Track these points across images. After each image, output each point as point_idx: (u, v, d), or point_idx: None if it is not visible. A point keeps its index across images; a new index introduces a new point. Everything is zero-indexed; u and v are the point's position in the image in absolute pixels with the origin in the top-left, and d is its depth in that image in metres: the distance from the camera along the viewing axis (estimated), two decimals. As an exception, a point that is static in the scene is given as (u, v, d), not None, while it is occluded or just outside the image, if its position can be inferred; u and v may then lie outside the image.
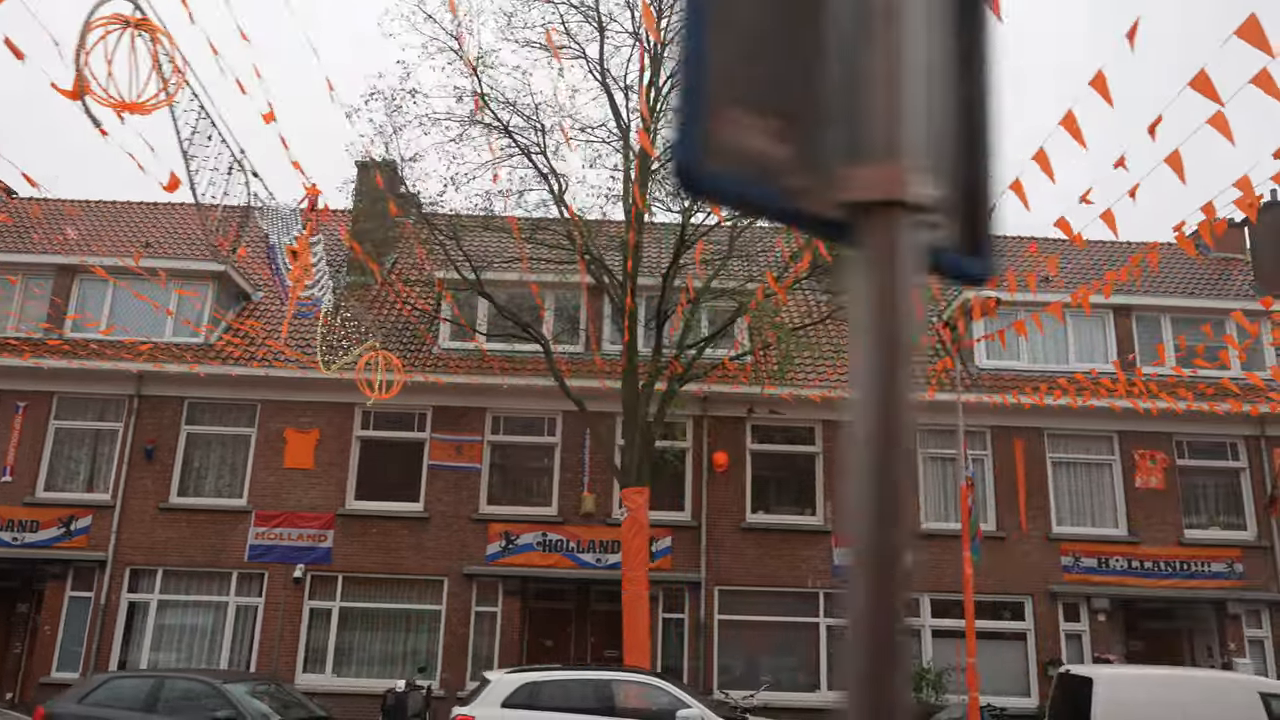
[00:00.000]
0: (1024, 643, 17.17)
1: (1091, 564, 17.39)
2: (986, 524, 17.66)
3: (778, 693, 16.80)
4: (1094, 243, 24.15)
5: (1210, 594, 17.27)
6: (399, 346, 18.11)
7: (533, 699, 10.15)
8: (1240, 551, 17.54)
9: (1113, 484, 17.92)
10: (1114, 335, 18.84)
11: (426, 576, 17.10)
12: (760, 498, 17.80)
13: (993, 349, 18.81)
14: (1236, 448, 18.17)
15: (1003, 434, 17.96)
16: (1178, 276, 22.22)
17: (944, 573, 17.28)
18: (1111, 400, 17.35)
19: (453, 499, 17.40)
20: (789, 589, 17.23)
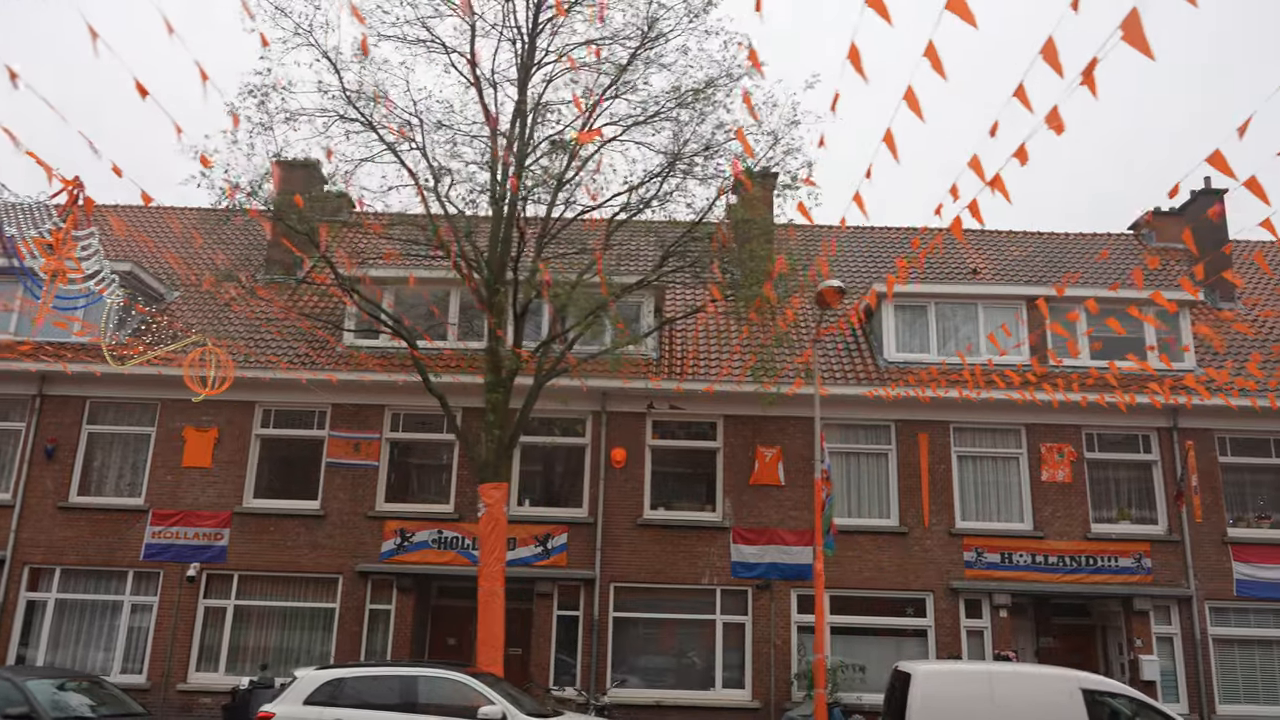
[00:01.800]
0: (925, 640, 16.88)
1: (995, 559, 17.08)
2: (889, 519, 17.45)
3: (672, 690, 16.67)
4: (1031, 234, 23.85)
5: (1117, 589, 16.92)
6: (303, 344, 18.12)
7: (336, 696, 10.07)
8: (1149, 546, 17.17)
9: (1020, 478, 17.60)
10: (1026, 327, 18.48)
11: (321, 574, 17.08)
12: (660, 494, 17.63)
13: (902, 341, 18.54)
14: (1149, 440, 17.79)
15: (907, 428, 17.68)
16: (1111, 267, 21.86)
17: (847, 569, 17.09)
18: (1010, 391, 17.06)
19: (349, 497, 17.37)
20: (686, 585, 17.06)
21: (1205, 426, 17.66)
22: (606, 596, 16.99)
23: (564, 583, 17.04)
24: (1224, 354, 18.68)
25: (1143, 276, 20.41)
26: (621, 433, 17.67)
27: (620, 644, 16.93)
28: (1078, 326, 18.37)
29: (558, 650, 16.86)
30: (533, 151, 14.98)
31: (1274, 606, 16.96)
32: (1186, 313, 18.69)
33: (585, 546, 17.15)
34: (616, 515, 17.29)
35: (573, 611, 16.99)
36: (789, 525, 17.19)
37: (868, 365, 18.33)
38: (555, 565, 17.06)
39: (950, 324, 18.70)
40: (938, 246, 22.72)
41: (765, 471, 17.44)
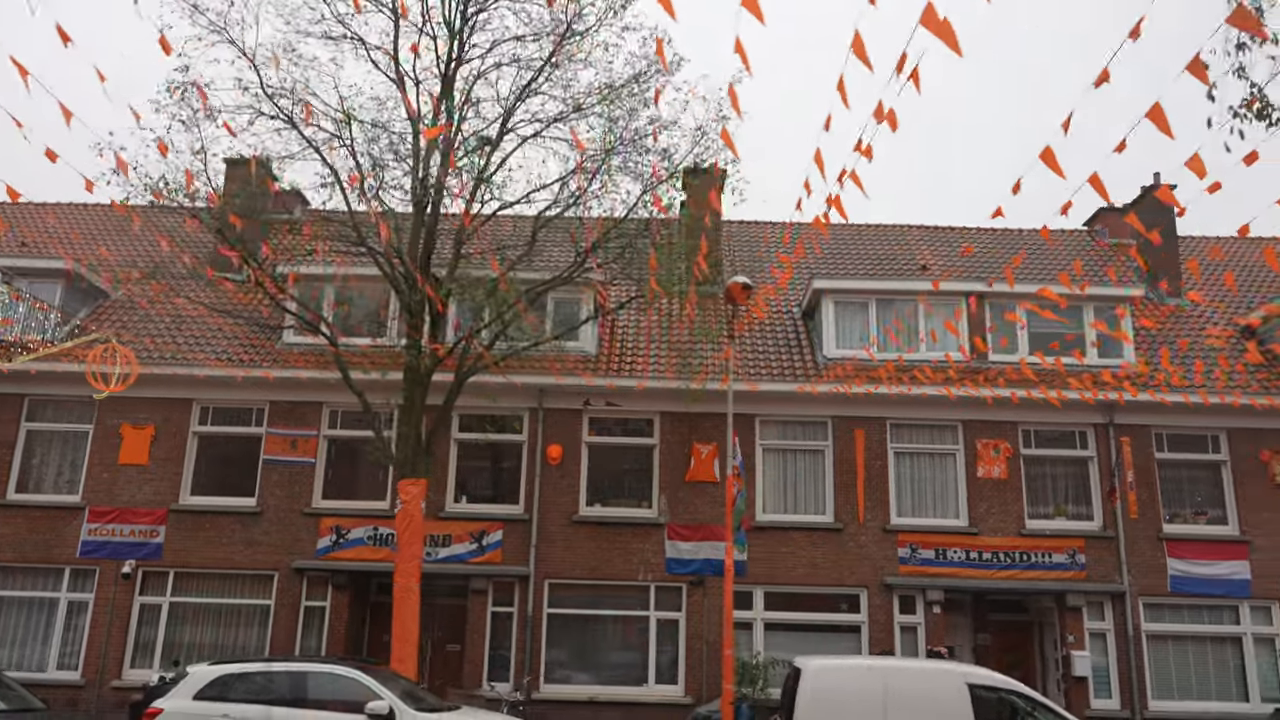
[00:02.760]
0: (859, 636, 16.91)
1: (929, 556, 17.10)
2: (825, 515, 17.47)
3: (606, 686, 16.71)
4: (985, 230, 23.83)
5: (1051, 586, 16.94)
6: (243, 342, 18.16)
7: (226, 691, 10.12)
8: (1084, 542, 17.19)
9: (956, 474, 17.61)
10: (967, 323, 18.48)
11: (257, 571, 17.12)
12: (596, 491, 17.66)
13: (842, 337, 18.54)
14: (1086, 436, 17.80)
15: (844, 424, 17.70)
16: (1061, 264, 21.85)
17: (781, 565, 17.12)
18: (939, 388, 17.10)
19: (286, 494, 17.41)
20: (620, 582, 17.09)
21: (1142, 423, 17.67)
22: (541, 593, 17.02)
23: (499, 579, 17.08)
24: (1162, 348, 18.67)
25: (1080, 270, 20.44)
26: (559, 430, 17.70)
27: (555, 640, 16.96)
28: (1017, 323, 18.40)
29: (493, 646, 16.90)
30: (459, 148, 15.01)
31: (1208, 602, 16.98)
32: (1127, 308, 18.68)
33: (521, 543, 17.18)
34: (552, 512, 17.32)
35: (508, 608, 17.02)
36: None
37: (806, 362, 18.34)
38: (490, 562, 17.09)
39: (891, 320, 18.68)
40: (893, 242, 22.76)
41: (701, 468, 17.46)
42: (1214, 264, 21.94)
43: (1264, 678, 16.69)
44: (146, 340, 17.89)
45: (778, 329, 19.46)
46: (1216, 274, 21.51)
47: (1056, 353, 17.45)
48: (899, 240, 23.03)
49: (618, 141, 14.23)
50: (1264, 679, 16.68)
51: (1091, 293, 18.31)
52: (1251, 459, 17.49)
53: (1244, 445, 17.56)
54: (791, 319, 19.84)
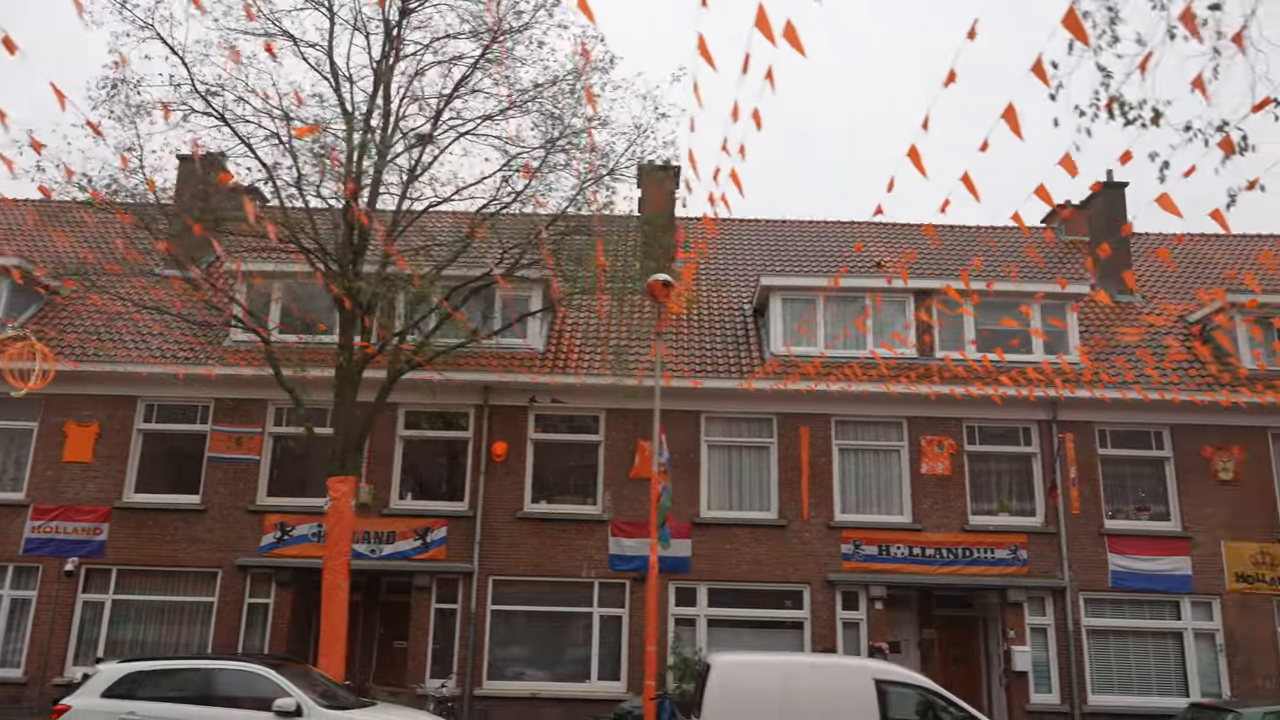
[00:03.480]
0: (801, 632, 16.96)
1: (872, 552, 17.16)
2: (769, 512, 17.51)
3: (548, 682, 16.75)
4: (944, 228, 23.89)
5: (993, 581, 17.01)
6: (188, 339, 18.12)
7: (134, 689, 10.13)
8: (1026, 538, 17.26)
9: (900, 470, 17.67)
10: (914, 320, 18.53)
11: (200, 569, 17.11)
12: (541, 487, 17.68)
13: (790, 334, 18.57)
14: (1030, 433, 17.87)
15: (789, 420, 17.74)
16: (1014, 261, 21.92)
17: (724, 562, 17.17)
18: (886, 383, 17.15)
19: (230, 491, 17.40)
20: (563, 578, 17.12)
21: (1086, 419, 17.74)
22: (484, 590, 17.05)
23: (443, 576, 17.10)
24: (1109, 348, 18.75)
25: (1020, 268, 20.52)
26: (505, 426, 17.71)
27: (498, 637, 16.99)
28: (964, 320, 18.45)
29: (437, 643, 16.92)
30: (396, 144, 15.01)
31: (1149, 598, 17.07)
32: (1073, 306, 18.73)
33: (465, 540, 17.20)
34: (496, 509, 17.34)
35: (451, 605, 17.04)
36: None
37: (753, 358, 18.38)
38: (434, 559, 17.11)
39: (839, 317, 18.70)
40: (846, 240, 22.81)
41: (646, 465, 17.47)
42: (1162, 260, 22.02)
43: (1204, 673, 16.79)
44: (88, 340, 17.84)
45: (727, 326, 19.49)
46: (1166, 272, 21.59)
47: (999, 351, 17.54)
48: (856, 237, 23.07)
49: (555, 138, 14.23)
50: (1204, 674, 16.78)
51: (1038, 289, 18.34)
52: (1194, 455, 17.57)
53: (1187, 441, 17.64)
54: (743, 316, 19.87)
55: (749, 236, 23.30)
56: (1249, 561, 17.08)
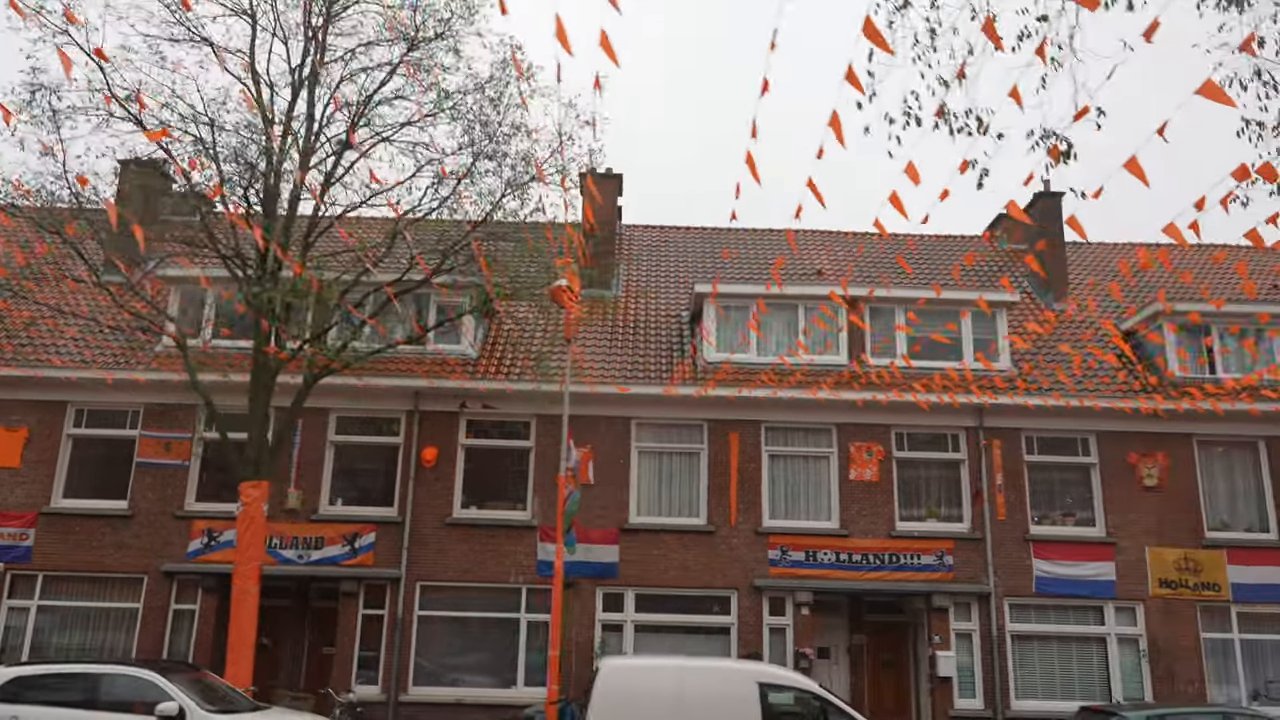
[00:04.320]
0: (728, 637, 17.02)
1: (799, 558, 17.24)
2: (698, 518, 17.58)
3: (474, 689, 16.75)
4: (889, 236, 24.02)
5: (919, 587, 17.11)
6: (120, 344, 18.10)
7: (20, 693, 10.13)
8: (953, 544, 17.38)
9: (829, 477, 17.77)
10: (847, 328, 18.64)
11: (126, 574, 17.06)
12: (472, 493, 17.71)
13: (723, 341, 18.66)
14: (958, 439, 18.01)
15: (719, 427, 17.83)
16: (949, 268, 22.10)
17: (652, 567, 17.23)
18: (812, 388, 17.27)
19: (158, 496, 17.37)
20: (492, 584, 17.15)
21: (1013, 426, 17.90)
22: (412, 595, 17.05)
23: (370, 582, 17.09)
24: (1040, 355, 18.91)
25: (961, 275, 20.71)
26: (436, 432, 17.74)
27: (425, 642, 16.99)
28: (896, 327, 18.59)
29: (364, 649, 16.90)
30: (321, 149, 15.09)
31: (1073, 603, 17.20)
32: (1004, 314, 18.91)
33: (393, 546, 17.20)
34: (425, 514, 17.36)
35: (379, 611, 17.03)
36: (596, 524, 17.30)
37: (686, 365, 18.47)
38: (362, 564, 17.11)
39: (772, 324, 18.81)
40: (785, 247, 22.95)
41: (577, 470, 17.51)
42: (1100, 269, 22.24)
43: (1127, 677, 16.93)
44: (6, 347, 17.78)
45: (663, 333, 19.59)
46: (1101, 279, 21.80)
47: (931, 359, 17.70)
48: (799, 245, 23.20)
49: (470, 144, 14.34)
50: (1127, 679, 16.92)
51: (970, 297, 18.49)
52: (1120, 461, 17.74)
53: (1113, 448, 17.81)
54: (680, 323, 19.98)
55: (690, 244, 23.42)
56: (1172, 567, 17.24)
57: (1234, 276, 21.61)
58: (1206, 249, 23.66)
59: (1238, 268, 19.64)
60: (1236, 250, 22.69)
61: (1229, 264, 22.21)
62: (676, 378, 17.96)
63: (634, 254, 22.85)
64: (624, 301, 20.79)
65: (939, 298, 18.52)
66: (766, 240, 23.50)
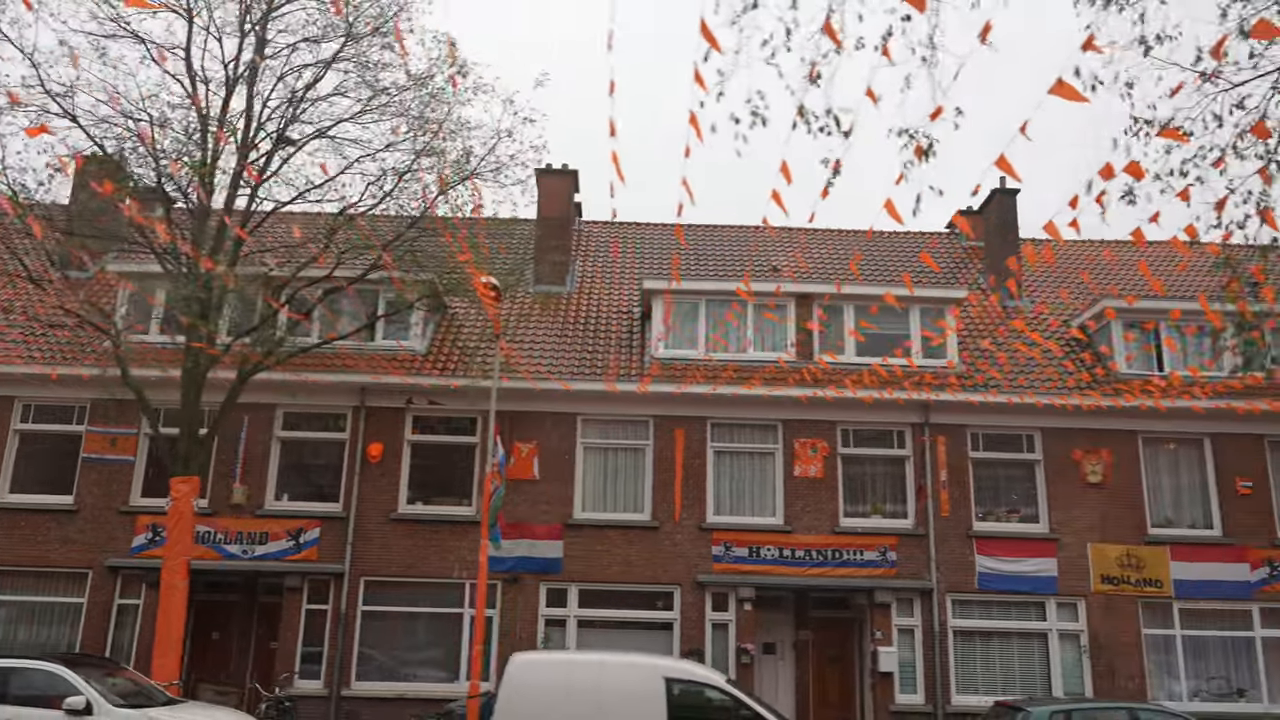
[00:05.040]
0: (671, 633, 17.08)
1: (743, 553, 17.30)
2: (642, 513, 17.63)
3: (417, 683, 16.81)
4: (847, 233, 24.09)
5: (862, 582, 17.18)
6: (68, 339, 18.10)
7: (-74, 687, 10.19)
8: (896, 540, 17.44)
9: (774, 473, 17.82)
10: (794, 324, 18.68)
11: (71, 569, 17.09)
12: (418, 489, 17.75)
13: (672, 337, 18.69)
14: (903, 436, 18.06)
15: (665, 423, 17.88)
16: (906, 266, 22.14)
17: (596, 563, 17.28)
18: (751, 382, 17.31)
19: (104, 492, 17.40)
20: (435, 579, 17.19)
21: (958, 423, 17.95)
22: (356, 590, 17.10)
23: (314, 577, 17.14)
24: (989, 352, 18.96)
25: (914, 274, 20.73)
26: (382, 427, 17.78)
27: (369, 637, 17.04)
28: (844, 325, 18.64)
29: (308, 644, 16.95)
30: (261, 144, 15.11)
31: (1015, 599, 17.27)
32: (952, 311, 18.95)
33: (338, 541, 17.25)
34: (370, 510, 17.40)
35: (323, 605, 17.08)
36: (541, 520, 17.36)
37: (634, 362, 18.51)
38: (306, 559, 17.16)
39: (721, 321, 18.82)
40: (744, 244, 22.99)
41: (521, 466, 17.59)
42: (1049, 265, 22.29)
43: (1068, 673, 17.00)
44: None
45: (613, 329, 19.63)
46: (1051, 276, 21.87)
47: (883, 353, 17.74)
48: (754, 241, 23.24)
49: (399, 141, 14.36)
50: (1067, 674, 17.00)
51: (918, 295, 18.55)
52: (1063, 458, 17.80)
53: (1057, 445, 17.88)
54: (631, 319, 20.01)
55: (648, 240, 23.45)
56: (1114, 563, 17.31)
57: (1182, 275, 21.63)
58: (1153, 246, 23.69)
59: (1140, 266, 19.72)
60: (1146, 249, 22.67)
61: (1130, 260, 22.30)
62: (627, 375, 17.99)
63: (591, 250, 22.88)
64: (576, 297, 20.82)
65: (882, 293, 18.60)
66: (725, 236, 23.51)
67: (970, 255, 23.18)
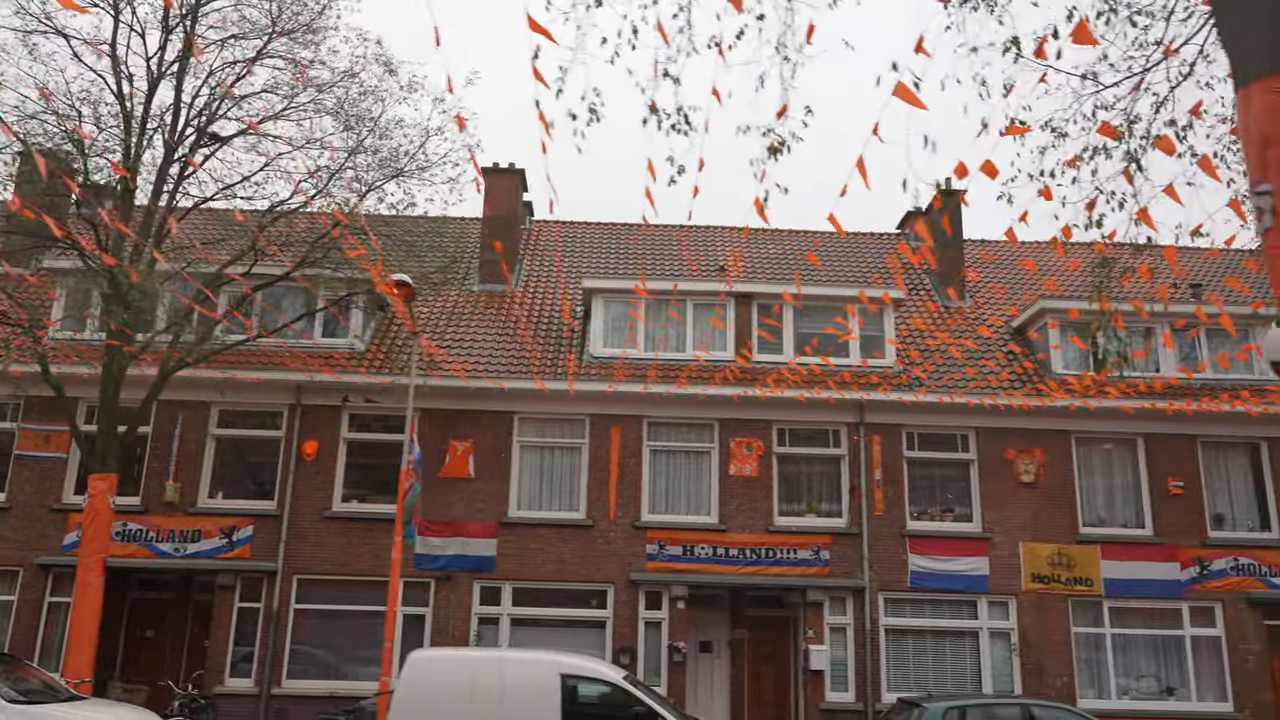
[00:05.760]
0: (604, 631, 17.11)
1: (676, 552, 17.35)
2: (577, 512, 17.65)
3: (349, 681, 16.78)
4: (799, 233, 24.17)
5: (795, 581, 17.25)
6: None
7: None
8: (830, 539, 17.52)
9: (710, 472, 17.88)
10: (734, 323, 18.76)
11: (2, 567, 17.00)
12: (353, 486, 17.74)
13: (610, 337, 18.73)
14: (839, 435, 18.14)
15: (601, 421, 17.92)
16: (853, 266, 22.25)
17: (529, 561, 17.30)
18: (681, 381, 17.37)
19: (36, 489, 17.32)
20: (370, 578, 17.16)
21: (894, 422, 18.05)
22: (289, 588, 17.07)
23: (247, 575, 17.10)
24: (928, 352, 19.07)
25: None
26: (318, 426, 17.76)
27: (301, 635, 17.02)
28: (784, 324, 18.72)
29: (240, 642, 16.92)
30: (189, 139, 15.09)
31: (947, 597, 17.37)
32: (890, 311, 19.06)
33: (271, 539, 17.22)
34: (305, 508, 17.38)
35: (255, 604, 17.05)
36: (475, 518, 17.38)
37: (572, 360, 18.53)
38: (239, 557, 17.12)
39: (659, 320, 18.88)
40: (693, 245, 23.05)
41: (456, 464, 17.60)
42: (989, 266, 22.44)
43: (998, 671, 17.11)
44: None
45: (554, 328, 19.65)
46: (992, 277, 22.00)
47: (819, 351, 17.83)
48: (707, 241, 23.31)
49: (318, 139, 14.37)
50: (998, 672, 17.11)
51: (855, 294, 18.64)
52: (998, 457, 17.92)
53: (992, 444, 17.99)
54: (573, 318, 20.04)
55: (598, 240, 23.49)
56: (1045, 562, 17.44)
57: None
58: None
59: (1026, 264, 19.89)
60: None
61: None
62: (561, 373, 18.01)
63: (540, 249, 22.90)
64: (521, 296, 20.84)
65: (827, 294, 18.74)
66: (675, 237, 23.56)
67: (920, 256, 23.24)
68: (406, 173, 15.23)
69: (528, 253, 22.66)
